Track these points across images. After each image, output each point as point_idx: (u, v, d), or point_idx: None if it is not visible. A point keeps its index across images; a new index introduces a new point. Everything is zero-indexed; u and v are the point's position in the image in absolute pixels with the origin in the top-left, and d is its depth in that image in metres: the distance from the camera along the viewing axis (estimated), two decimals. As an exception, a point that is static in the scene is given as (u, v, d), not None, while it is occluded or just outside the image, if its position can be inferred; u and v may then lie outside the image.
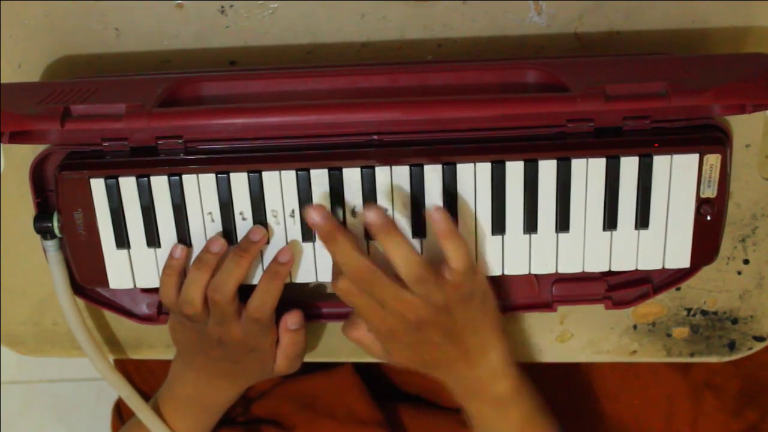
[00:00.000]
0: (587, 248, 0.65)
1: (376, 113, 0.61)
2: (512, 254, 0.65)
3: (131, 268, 0.65)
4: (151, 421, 0.72)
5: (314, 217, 0.59)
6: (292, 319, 0.67)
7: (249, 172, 0.62)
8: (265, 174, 0.62)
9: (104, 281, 0.66)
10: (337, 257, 0.60)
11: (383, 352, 0.66)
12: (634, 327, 0.76)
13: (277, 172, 0.62)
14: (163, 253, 0.65)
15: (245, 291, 0.65)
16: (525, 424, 0.69)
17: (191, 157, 0.63)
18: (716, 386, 0.81)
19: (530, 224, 0.64)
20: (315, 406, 0.81)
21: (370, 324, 0.64)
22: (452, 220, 0.60)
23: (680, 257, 0.65)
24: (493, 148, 0.62)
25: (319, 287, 0.73)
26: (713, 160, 0.62)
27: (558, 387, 0.83)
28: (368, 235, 0.64)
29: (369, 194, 0.63)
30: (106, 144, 0.63)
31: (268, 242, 0.64)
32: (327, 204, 0.63)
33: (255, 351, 0.68)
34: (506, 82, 0.65)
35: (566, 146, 0.62)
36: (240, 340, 0.66)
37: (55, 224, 0.66)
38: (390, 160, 0.62)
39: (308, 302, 0.72)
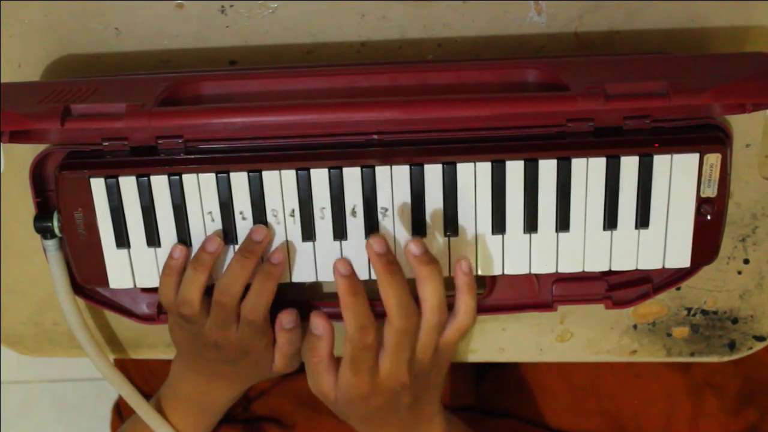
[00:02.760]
0: (587, 248, 0.65)
1: (376, 113, 0.61)
2: (512, 254, 0.65)
3: (131, 267, 0.65)
4: (152, 420, 0.72)
5: (376, 247, 0.59)
6: (286, 318, 0.67)
7: (249, 171, 0.62)
8: (265, 174, 0.62)
9: (104, 281, 0.66)
10: (391, 296, 0.59)
11: (336, 404, 0.64)
12: (634, 327, 0.76)
13: (277, 172, 0.62)
14: (163, 252, 0.65)
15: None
16: None
17: (191, 156, 0.63)
18: (716, 385, 0.81)
19: (530, 224, 0.64)
20: (315, 403, 0.81)
21: (352, 383, 0.61)
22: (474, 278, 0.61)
23: (680, 257, 0.65)
24: (493, 147, 0.62)
25: (316, 287, 0.73)
26: (713, 159, 0.62)
27: (558, 387, 0.83)
28: (369, 235, 0.64)
29: (369, 194, 0.63)
30: (106, 143, 0.63)
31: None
32: (327, 204, 0.63)
33: (251, 353, 0.68)
34: (506, 82, 0.65)
35: (566, 146, 0.62)
36: (235, 343, 0.66)
37: (55, 224, 0.66)
38: (390, 160, 0.62)
39: (304, 302, 0.72)
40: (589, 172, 0.62)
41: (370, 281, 0.62)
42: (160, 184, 0.63)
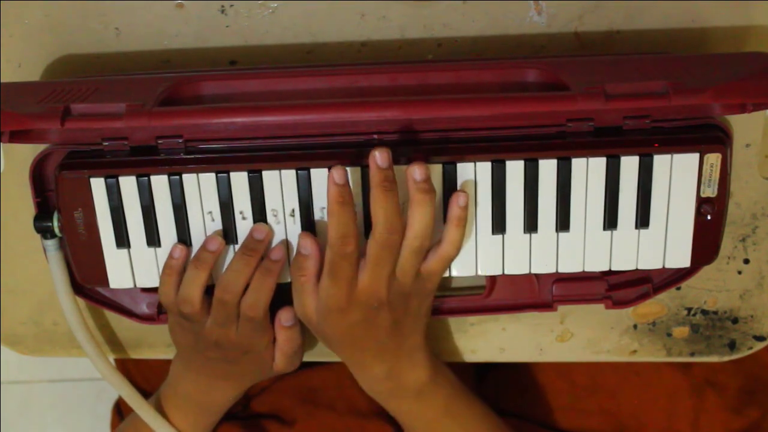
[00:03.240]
0: (587, 248, 0.65)
1: (377, 112, 0.61)
2: (512, 254, 0.65)
3: (131, 267, 0.65)
4: (152, 419, 0.72)
5: (378, 160, 0.58)
6: (285, 316, 0.67)
7: (249, 171, 0.62)
8: (265, 173, 0.62)
9: (104, 281, 0.66)
10: (380, 210, 0.59)
11: (317, 323, 0.65)
12: (635, 327, 0.76)
13: (277, 172, 0.62)
14: (163, 252, 0.65)
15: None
16: (447, 408, 0.70)
17: (191, 156, 0.63)
18: (717, 384, 0.81)
19: (530, 224, 0.64)
20: (315, 399, 0.81)
21: (330, 293, 0.62)
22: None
23: (680, 257, 0.65)
24: (494, 147, 0.62)
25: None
26: (713, 159, 0.62)
27: (559, 386, 0.83)
28: (368, 235, 0.64)
29: (369, 194, 0.62)
30: (106, 143, 0.63)
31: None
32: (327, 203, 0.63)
33: (251, 352, 0.68)
34: (506, 82, 0.65)
35: (566, 145, 0.62)
36: (235, 342, 0.66)
37: (55, 224, 0.66)
38: (390, 160, 0.62)
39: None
40: (589, 172, 0.62)
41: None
42: (160, 183, 0.63)
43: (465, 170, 0.62)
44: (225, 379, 0.72)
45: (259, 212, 0.63)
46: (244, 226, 0.64)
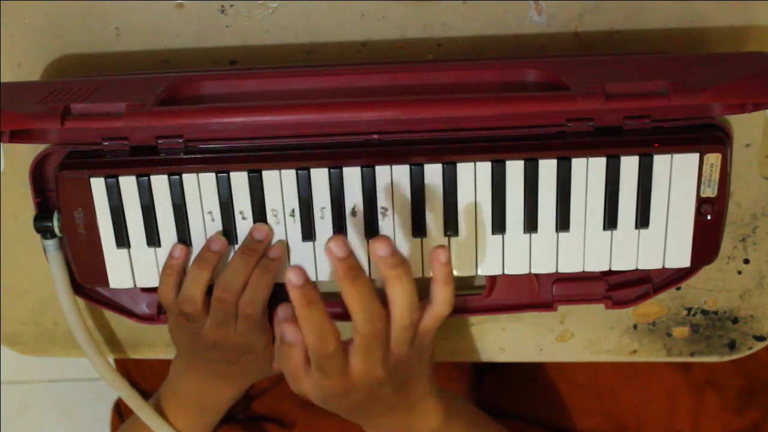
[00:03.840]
0: (587, 248, 0.65)
1: (376, 112, 0.61)
2: (512, 254, 0.65)
3: (131, 267, 0.65)
4: (152, 420, 0.72)
5: (336, 251, 0.55)
6: (283, 311, 0.67)
7: (249, 171, 0.62)
8: (265, 173, 0.62)
9: (104, 281, 0.66)
10: (354, 302, 0.55)
11: (319, 403, 0.62)
12: (635, 327, 0.76)
13: (277, 172, 0.62)
14: (163, 252, 0.65)
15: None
16: None
17: (191, 156, 0.63)
18: (718, 384, 0.81)
19: (530, 224, 0.64)
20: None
21: (323, 384, 0.59)
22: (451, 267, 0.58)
23: (680, 257, 0.65)
24: (493, 147, 0.62)
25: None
26: (713, 159, 0.62)
27: (559, 386, 0.83)
28: (368, 235, 0.64)
29: (369, 194, 0.63)
30: (106, 143, 0.62)
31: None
32: (327, 204, 0.63)
33: (250, 352, 0.68)
34: (506, 82, 0.65)
35: (566, 145, 0.62)
36: (234, 342, 0.66)
37: (55, 224, 0.66)
38: (390, 160, 0.62)
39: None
40: (589, 172, 0.62)
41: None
42: (160, 183, 0.63)
43: (465, 170, 0.62)
44: (225, 379, 0.72)
45: (259, 212, 0.63)
46: (244, 226, 0.64)
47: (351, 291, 0.55)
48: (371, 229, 0.64)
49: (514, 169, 0.62)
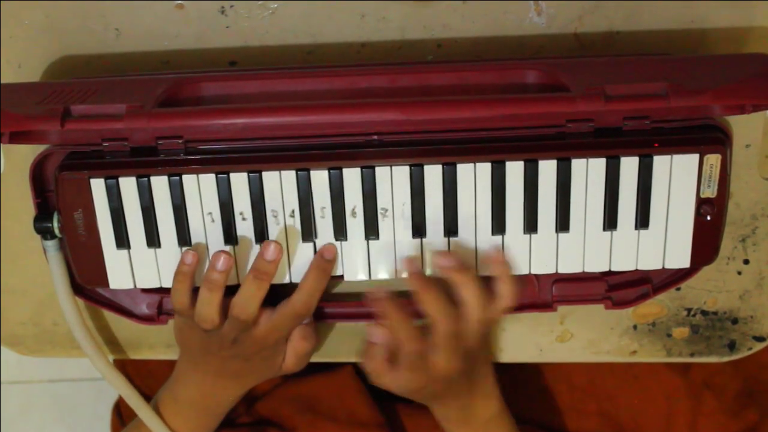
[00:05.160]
0: (587, 248, 0.65)
1: (376, 113, 0.61)
2: (512, 254, 0.65)
3: (131, 268, 0.65)
4: (151, 421, 0.72)
5: (410, 269, 0.64)
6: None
7: (249, 172, 0.62)
8: (265, 174, 0.62)
9: (104, 281, 0.66)
10: (433, 309, 0.63)
11: (402, 392, 0.67)
12: (634, 327, 0.76)
13: (277, 172, 0.62)
14: (163, 253, 0.65)
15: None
16: None
17: (191, 157, 0.63)
18: (716, 386, 0.81)
19: (530, 224, 0.64)
20: (316, 407, 0.81)
21: (410, 378, 0.65)
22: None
23: (680, 257, 0.65)
24: (493, 148, 0.62)
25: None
26: (713, 160, 0.62)
27: (558, 388, 0.83)
28: (369, 235, 0.64)
29: (369, 194, 0.63)
30: (106, 144, 0.63)
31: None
32: (327, 204, 0.63)
33: (267, 347, 0.68)
34: (506, 83, 0.65)
35: (566, 146, 0.62)
36: (255, 337, 0.67)
37: (55, 224, 0.66)
38: (390, 160, 0.62)
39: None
40: (588, 173, 0.62)
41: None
42: (160, 184, 0.63)
43: (465, 171, 0.62)
44: (233, 377, 0.72)
45: (259, 213, 0.63)
46: (244, 226, 0.64)
47: (429, 297, 0.63)
48: (371, 230, 0.64)
49: (514, 170, 0.62)
